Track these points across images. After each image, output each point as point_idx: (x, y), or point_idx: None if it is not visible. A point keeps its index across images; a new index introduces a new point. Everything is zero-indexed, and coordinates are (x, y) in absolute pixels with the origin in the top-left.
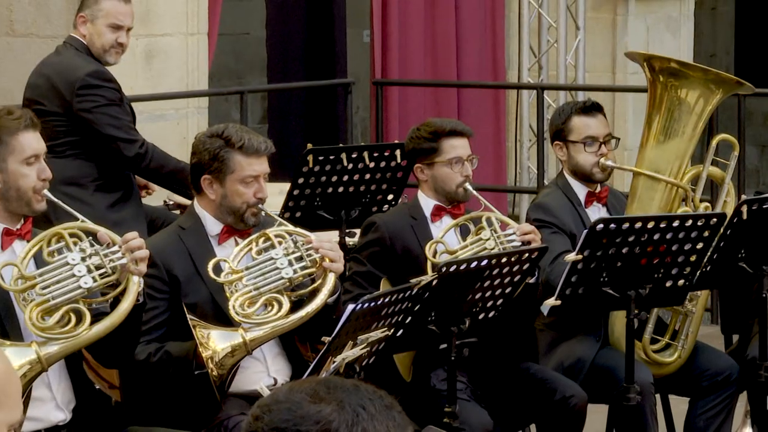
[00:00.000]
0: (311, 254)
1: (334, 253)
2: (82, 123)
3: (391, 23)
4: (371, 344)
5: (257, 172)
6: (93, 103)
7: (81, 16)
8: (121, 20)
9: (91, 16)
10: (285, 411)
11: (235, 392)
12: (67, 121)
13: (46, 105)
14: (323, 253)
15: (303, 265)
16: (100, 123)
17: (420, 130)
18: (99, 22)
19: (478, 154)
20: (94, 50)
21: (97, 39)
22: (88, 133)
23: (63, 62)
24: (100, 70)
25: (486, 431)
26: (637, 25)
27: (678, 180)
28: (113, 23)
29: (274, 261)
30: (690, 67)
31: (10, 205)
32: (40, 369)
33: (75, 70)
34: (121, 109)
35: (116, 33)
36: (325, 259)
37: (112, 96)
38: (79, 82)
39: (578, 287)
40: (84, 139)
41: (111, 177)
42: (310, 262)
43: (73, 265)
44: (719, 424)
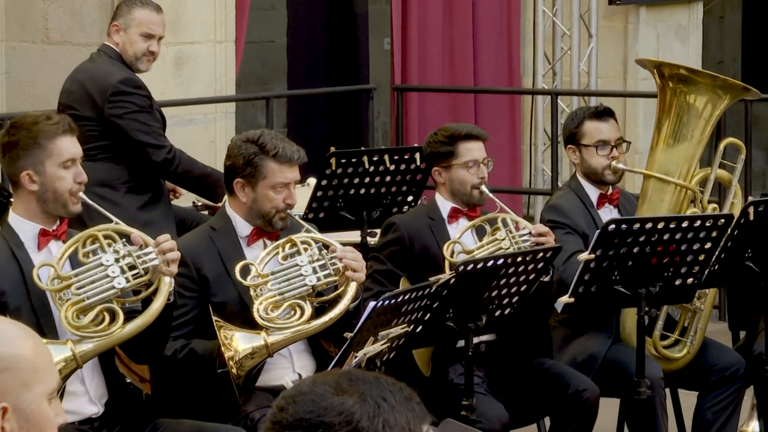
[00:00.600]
0: (335, 263)
1: (356, 264)
2: (114, 128)
3: (410, 31)
4: (391, 340)
5: (288, 179)
6: (124, 110)
7: (114, 24)
8: (152, 29)
9: (124, 25)
10: (309, 402)
11: (261, 386)
12: (100, 125)
13: (80, 110)
14: (346, 263)
15: (326, 273)
16: (130, 128)
17: (437, 134)
18: (131, 31)
19: (493, 158)
20: (126, 58)
21: (129, 47)
22: (119, 138)
23: (96, 69)
24: (132, 77)
25: (502, 424)
26: (647, 33)
27: (687, 182)
28: (145, 32)
29: (299, 268)
30: (698, 74)
31: (47, 206)
32: (75, 366)
33: (107, 77)
34: (150, 116)
35: (148, 42)
36: (347, 269)
37: (142, 103)
38: (111, 88)
39: (591, 285)
40: (115, 143)
41: (142, 179)
42: (334, 271)
43: (107, 266)
44: (727, 417)
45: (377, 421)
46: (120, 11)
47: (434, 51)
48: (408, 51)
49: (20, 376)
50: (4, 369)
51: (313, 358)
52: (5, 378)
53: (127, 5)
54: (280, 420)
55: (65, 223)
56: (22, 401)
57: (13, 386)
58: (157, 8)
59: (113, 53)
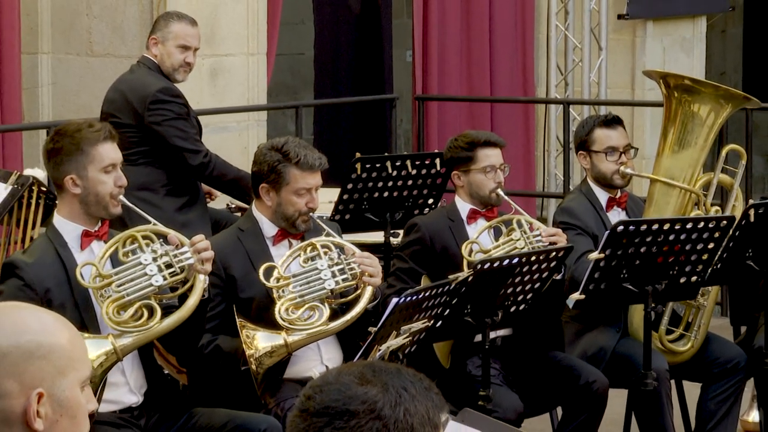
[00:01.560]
0: (353, 268)
1: (373, 269)
2: (153, 134)
3: (431, 44)
4: (413, 334)
5: (310, 185)
6: (162, 117)
7: (153, 38)
8: (188, 42)
9: (162, 38)
10: (335, 392)
11: (290, 378)
12: (139, 132)
13: (121, 118)
14: (363, 269)
15: (344, 277)
16: (168, 135)
17: (457, 140)
18: (169, 44)
19: (509, 163)
20: (164, 69)
21: (167, 59)
22: (157, 144)
23: (136, 79)
24: (170, 87)
25: (517, 413)
26: (654, 46)
27: (691, 186)
28: (182, 44)
29: (319, 271)
30: (702, 84)
31: (89, 209)
32: (116, 359)
33: (147, 86)
34: (187, 123)
35: (184, 53)
36: (365, 274)
37: (179, 110)
38: (150, 97)
39: (601, 283)
40: (154, 149)
41: (179, 183)
42: (351, 276)
43: (145, 265)
44: (728, 407)
45: (399, 409)
46: (158, 25)
47: (453, 63)
48: (428, 63)
49: (56, 364)
50: (41, 356)
51: (340, 351)
52: (42, 365)
53: (164, 19)
54: (307, 408)
55: (106, 225)
56: (57, 388)
57: (49, 373)
58: (193, 22)
59: (152, 64)
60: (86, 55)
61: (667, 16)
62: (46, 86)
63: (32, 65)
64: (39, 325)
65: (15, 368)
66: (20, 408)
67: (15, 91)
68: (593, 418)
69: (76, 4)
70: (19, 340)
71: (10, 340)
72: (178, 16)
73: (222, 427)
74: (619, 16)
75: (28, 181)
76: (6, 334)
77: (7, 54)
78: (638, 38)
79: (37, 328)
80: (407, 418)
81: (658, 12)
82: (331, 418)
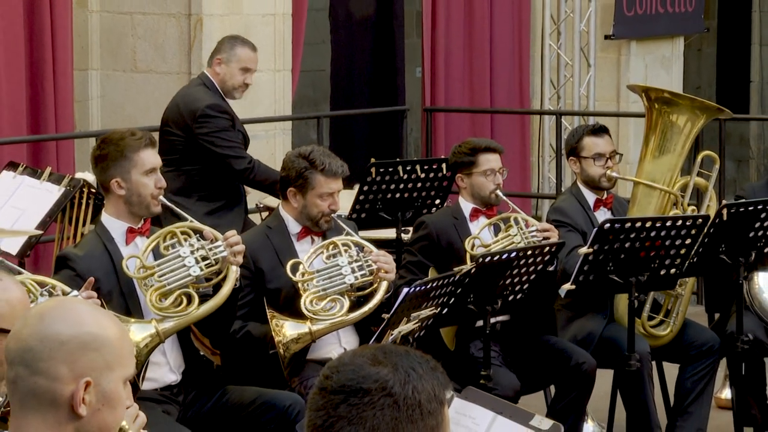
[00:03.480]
0: (370, 265)
1: (388, 266)
2: (198, 145)
3: (437, 62)
4: (422, 320)
5: (333, 190)
6: (209, 129)
7: (218, 58)
8: (250, 65)
9: (226, 59)
10: (350, 372)
11: (312, 358)
12: (186, 142)
13: (173, 127)
14: (380, 266)
15: (363, 273)
16: (215, 144)
17: (461, 147)
18: (233, 65)
19: (507, 167)
20: (224, 87)
21: (229, 78)
22: (201, 154)
23: (190, 94)
24: (218, 103)
25: (514, 391)
26: (637, 63)
27: (670, 188)
28: (244, 67)
29: (339, 268)
30: (680, 97)
31: (133, 208)
32: (158, 341)
33: (198, 101)
34: (232, 133)
35: (245, 75)
36: (381, 270)
37: (225, 124)
38: (200, 111)
39: (589, 275)
40: (197, 158)
41: (213, 190)
42: (369, 272)
43: (183, 257)
44: (704, 386)
45: (407, 387)
46: (223, 47)
47: (458, 78)
48: (436, 78)
49: (106, 358)
50: (94, 349)
51: (356, 335)
52: (94, 357)
53: (230, 42)
54: (325, 386)
55: (148, 222)
56: (104, 380)
57: (98, 365)
58: (254, 47)
59: (209, 82)
60: (131, 71)
61: (648, 37)
62: (96, 99)
63: (83, 80)
64: (95, 321)
65: (70, 356)
66: (68, 393)
67: (68, 103)
68: (583, 395)
69: (122, 25)
70: (77, 332)
71: (71, 330)
72: (242, 41)
73: (251, 403)
74: (606, 36)
75: (79, 184)
76: (67, 324)
77: (61, 70)
78: (623, 56)
79: (93, 323)
80: (415, 395)
81: (640, 33)
82: (346, 396)
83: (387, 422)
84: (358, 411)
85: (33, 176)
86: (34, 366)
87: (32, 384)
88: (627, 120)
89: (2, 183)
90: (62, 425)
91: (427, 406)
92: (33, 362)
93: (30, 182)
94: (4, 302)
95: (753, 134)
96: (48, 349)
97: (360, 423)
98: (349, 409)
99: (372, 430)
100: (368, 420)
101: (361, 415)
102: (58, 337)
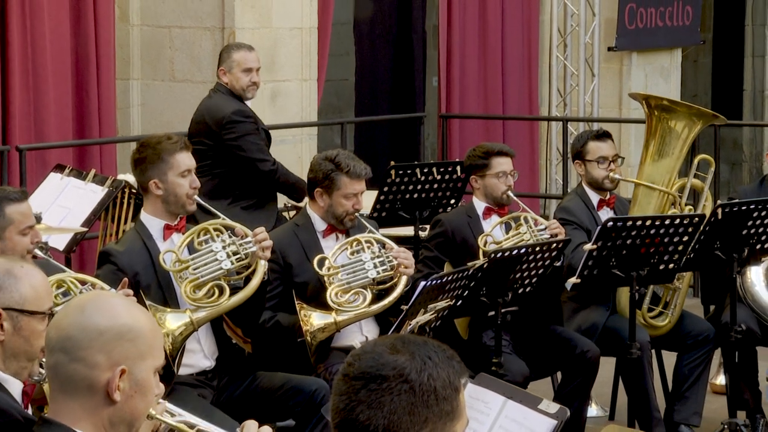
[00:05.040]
0: (391, 260)
1: (407, 262)
2: (227, 151)
3: (453, 72)
4: (438, 311)
5: (357, 191)
6: (236, 134)
7: (221, 69)
8: (250, 64)
9: (227, 68)
10: (370, 359)
11: (336, 346)
12: (216, 149)
13: (202, 137)
14: (400, 261)
15: (384, 268)
16: (242, 148)
17: (476, 150)
18: (235, 71)
19: (517, 170)
20: (236, 92)
21: (236, 83)
22: (229, 161)
23: (213, 104)
24: (242, 108)
25: (524, 377)
26: (638, 73)
27: (668, 189)
28: (245, 68)
29: (363, 263)
30: (678, 104)
31: (169, 207)
32: (192, 329)
33: (221, 110)
34: (257, 137)
35: (249, 74)
36: (401, 266)
37: (250, 128)
38: (226, 119)
39: (593, 269)
40: (225, 165)
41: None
42: (390, 267)
43: (216, 252)
44: (700, 372)
45: (424, 374)
46: (222, 57)
47: (472, 87)
48: (451, 87)
49: (140, 348)
50: (129, 340)
51: (377, 325)
52: (129, 347)
53: (226, 51)
54: (348, 373)
55: (184, 219)
56: (137, 368)
57: (133, 354)
58: (249, 48)
59: (225, 89)
60: (169, 80)
61: (648, 49)
62: (136, 106)
63: (125, 89)
64: (130, 313)
65: (107, 345)
66: (104, 380)
67: (110, 110)
68: (587, 381)
69: (161, 38)
70: (114, 323)
71: (108, 321)
72: (237, 46)
73: (280, 388)
74: (609, 48)
75: (120, 185)
76: (106, 315)
77: (104, 80)
78: (625, 67)
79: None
80: (431, 382)
81: (641, 45)
82: (366, 381)
83: (404, 406)
84: (377, 396)
85: (78, 178)
86: (74, 354)
87: (71, 370)
88: (628, 126)
89: (50, 184)
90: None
91: (442, 392)
92: (73, 350)
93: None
94: (28, 286)
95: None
96: (87, 338)
97: (378, 407)
98: (369, 394)
99: (390, 413)
100: (386, 404)
101: (379, 400)
102: (97, 328)
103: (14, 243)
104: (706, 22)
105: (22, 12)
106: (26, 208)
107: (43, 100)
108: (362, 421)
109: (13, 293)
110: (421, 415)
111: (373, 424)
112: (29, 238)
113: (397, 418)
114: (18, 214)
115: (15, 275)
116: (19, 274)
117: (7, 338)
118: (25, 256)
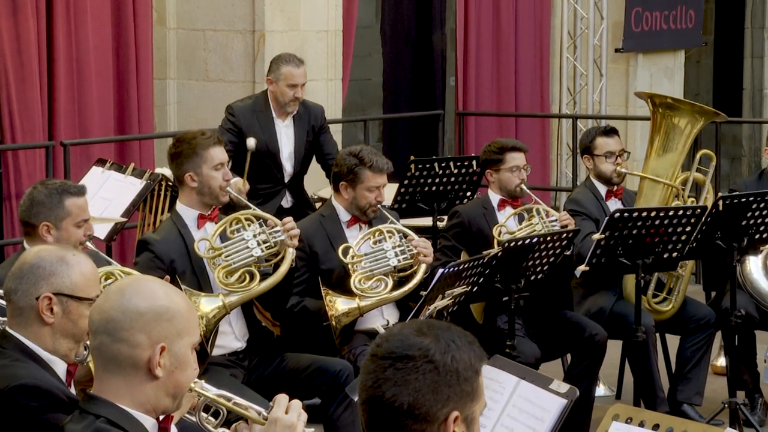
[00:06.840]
0: (411, 249)
1: (427, 251)
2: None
3: (469, 72)
4: (455, 297)
5: (379, 184)
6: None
7: (268, 78)
8: (296, 81)
9: (275, 79)
10: (397, 341)
11: (359, 329)
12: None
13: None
14: (419, 250)
15: (405, 256)
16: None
17: (491, 146)
18: (281, 83)
19: (530, 164)
20: (278, 103)
21: (279, 96)
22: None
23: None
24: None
25: (536, 359)
26: (643, 73)
27: (672, 182)
28: (290, 83)
29: (385, 252)
30: (681, 102)
31: (204, 198)
32: (225, 312)
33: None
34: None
35: (293, 90)
36: (420, 255)
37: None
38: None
39: (601, 258)
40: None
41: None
42: (410, 256)
43: (247, 240)
44: (701, 354)
45: (447, 356)
46: (272, 67)
47: (486, 86)
48: (467, 86)
49: (177, 327)
50: (167, 319)
51: (397, 309)
52: (167, 326)
53: (276, 63)
54: (376, 353)
55: (216, 210)
56: (175, 345)
57: (171, 333)
58: (299, 62)
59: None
60: (203, 80)
61: (653, 50)
62: (173, 104)
63: (162, 88)
64: (166, 295)
65: (147, 325)
66: (146, 357)
67: (148, 108)
68: (595, 363)
69: (195, 40)
70: (153, 304)
71: (147, 303)
72: (286, 60)
73: (306, 368)
74: (616, 49)
75: (158, 178)
76: (145, 298)
77: (143, 79)
78: (631, 67)
79: (165, 297)
80: (453, 363)
81: (646, 47)
82: (393, 361)
83: (428, 385)
84: (403, 374)
85: (119, 171)
86: (117, 335)
87: (115, 350)
88: (634, 122)
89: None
90: (141, 385)
91: (463, 373)
92: (115, 331)
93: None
94: (79, 274)
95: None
96: (129, 319)
97: (404, 384)
98: (395, 373)
99: (415, 391)
100: (411, 383)
101: (406, 378)
102: (137, 309)
103: (69, 234)
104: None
105: (67, 16)
106: (83, 203)
107: (86, 99)
108: (388, 398)
109: (65, 279)
110: (443, 393)
111: (398, 401)
112: (83, 231)
113: (421, 396)
114: (76, 207)
115: (67, 262)
116: (72, 261)
117: (56, 321)
118: (77, 247)
